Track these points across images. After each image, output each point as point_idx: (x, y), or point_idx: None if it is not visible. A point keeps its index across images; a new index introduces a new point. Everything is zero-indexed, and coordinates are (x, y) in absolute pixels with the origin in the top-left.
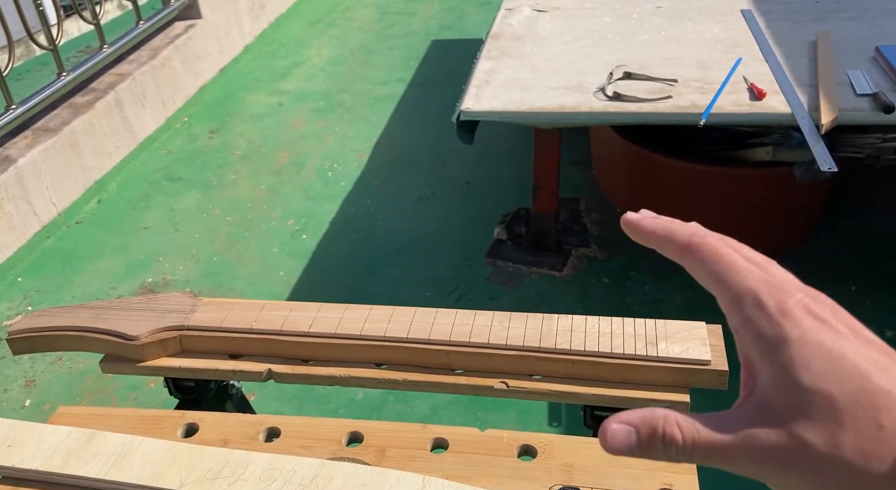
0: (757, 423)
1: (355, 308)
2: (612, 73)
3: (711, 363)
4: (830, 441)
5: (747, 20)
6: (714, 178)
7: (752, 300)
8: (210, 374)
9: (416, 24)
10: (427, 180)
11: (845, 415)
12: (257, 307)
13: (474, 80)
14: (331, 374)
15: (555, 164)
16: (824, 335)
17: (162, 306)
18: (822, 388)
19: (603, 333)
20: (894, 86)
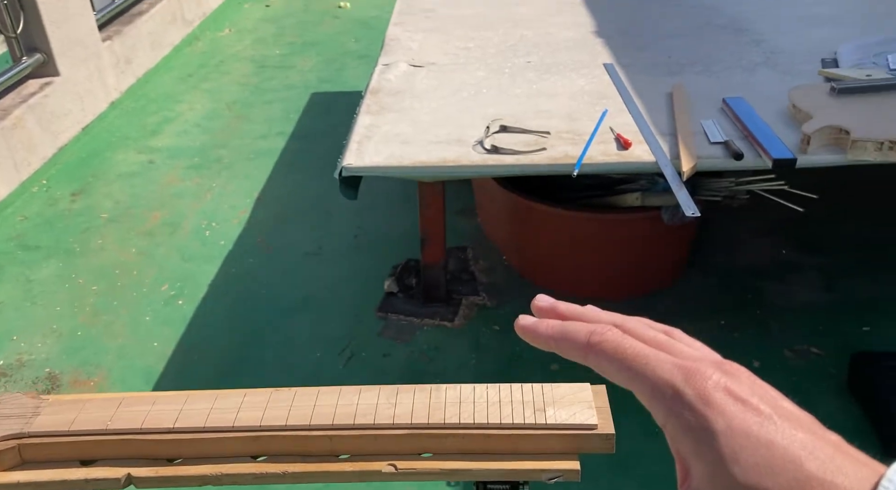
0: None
1: (228, 395)
2: (488, 127)
3: (598, 427)
4: None
5: (609, 73)
6: (589, 224)
7: (671, 393)
8: (57, 486)
9: (294, 77)
10: (313, 235)
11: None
12: (114, 403)
13: (355, 135)
14: (200, 474)
15: (440, 216)
16: (750, 421)
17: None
18: (755, 483)
19: (492, 403)
20: (741, 134)
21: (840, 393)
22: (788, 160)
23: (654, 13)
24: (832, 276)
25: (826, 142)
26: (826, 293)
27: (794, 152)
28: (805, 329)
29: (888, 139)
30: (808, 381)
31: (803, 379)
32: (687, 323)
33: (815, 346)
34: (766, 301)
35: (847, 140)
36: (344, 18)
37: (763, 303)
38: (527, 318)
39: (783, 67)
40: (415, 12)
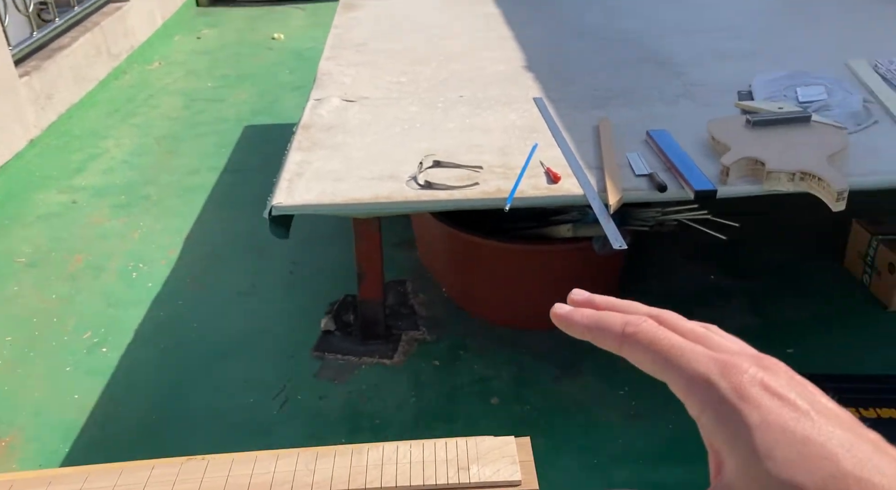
0: None
1: (134, 468)
2: (422, 162)
3: (522, 483)
4: None
5: (539, 107)
6: (524, 256)
7: (706, 386)
8: None
9: (227, 110)
10: (246, 273)
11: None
12: (3, 487)
13: (285, 172)
14: None
15: (377, 251)
16: (786, 416)
17: None
18: (789, 478)
19: (415, 462)
20: (664, 166)
21: None
22: (709, 191)
23: (582, 48)
24: (757, 300)
25: (743, 173)
26: (753, 317)
27: (714, 183)
28: None
29: (799, 170)
30: None
31: None
32: None
33: None
34: None
35: (763, 171)
36: (278, 50)
37: None
38: (562, 307)
39: (702, 99)
40: (347, 46)
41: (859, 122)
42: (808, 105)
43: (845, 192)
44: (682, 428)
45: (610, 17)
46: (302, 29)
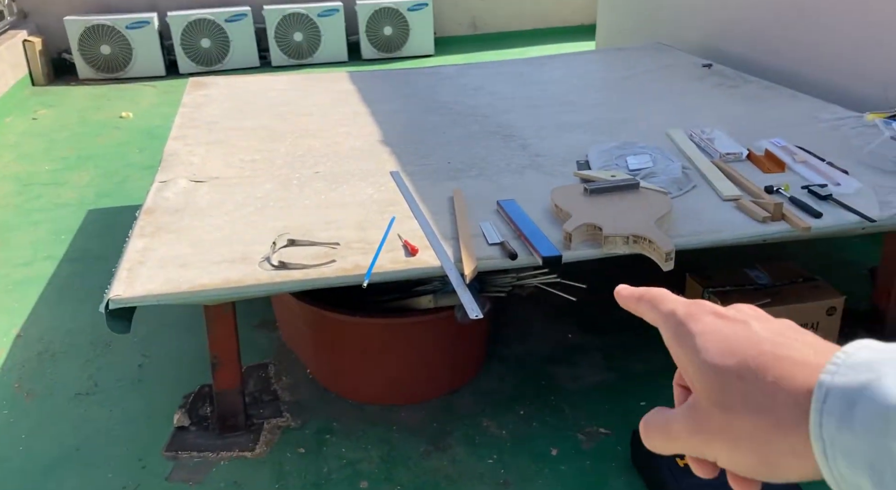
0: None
1: None
2: (275, 242)
3: None
4: (731, 407)
5: (396, 181)
6: (387, 329)
7: (671, 316)
8: None
9: (67, 194)
10: (87, 371)
11: (739, 381)
12: None
13: (125, 261)
14: None
15: (232, 337)
16: (720, 324)
17: None
18: (720, 363)
19: None
20: (515, 234)
21: (628, 469)
22: (555, 257)
23: (435, 122)
24: (612, 355)
25: (584, 237)
26: (608, 372)
27: (559, 249)
28: (594, 409)
29: (632, 234)
30: (600, 462)
31: (595, 461)
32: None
33: (602, 426)
34: (558, 385)
35: (601, 235)
36: (126, 129)
37: (555, 388)
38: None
39: (546, 169)
40: (197, 125)
41: (681, 186)
42: (637, 172)
43: (672, 253)
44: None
45: (460, 94)
46: (153, 107)
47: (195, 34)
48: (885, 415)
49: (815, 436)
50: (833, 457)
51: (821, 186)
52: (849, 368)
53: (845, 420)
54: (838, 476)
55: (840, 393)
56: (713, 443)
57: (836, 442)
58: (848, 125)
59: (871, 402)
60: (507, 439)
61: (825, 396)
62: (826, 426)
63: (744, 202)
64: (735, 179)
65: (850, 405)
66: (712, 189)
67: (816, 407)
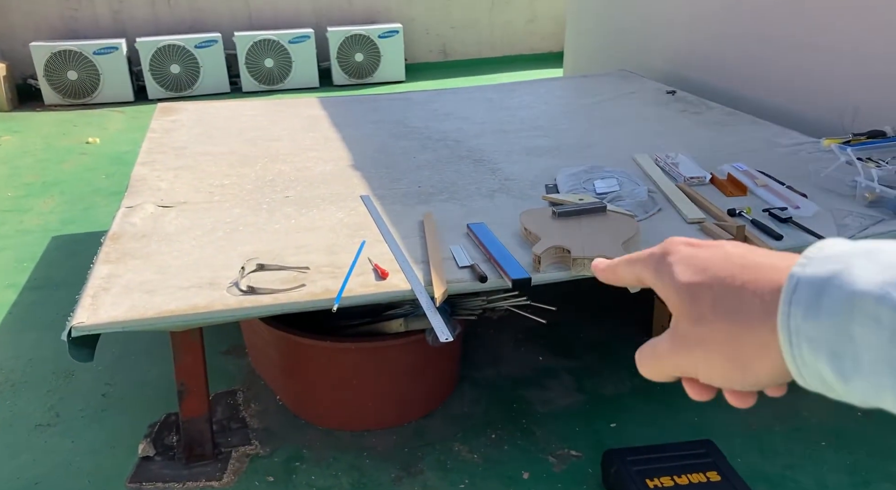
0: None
1: None
2: (244, 267)
3: None
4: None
5: (366, 205)
6: (357, 354)
7: (648, 256)
8: None
9: (31, 221)
10: (48, 402)
11: (709, 291)
12: None
13: (89, 288)
14: None
15: (200, 363)
16: (695, 251)
17: None
18: (693, 280)
19: None
20: (484, 257)
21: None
22: (525, 280)
23: (406, 147)
24: (581, 377)
25: (553, 260)
26: (578, 394)
27: (528, 271)
28: (564, 432)
29: (599, 256)
30: (571, 485)
31: (567, 484)
32: (461, 441)
33: (573, 448)
34: (529, 409)
35: (569, 258)
36: (93, 154)
37: (526, 411)
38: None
39: (515, 193)
40: (165, 150)
41: (647, 210)
42: (604, 196)
43: None
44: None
45: (431, 119)
46: (121, 132)
47: (164, 60)
48: (850, 301)
49: (783, 326)
50: (798, 344)
51: (781, 209)
52: (820, 261)
53: (812, 308)
54: (801, 364)
55: (809, 282)
56: (692, 356)
57: (802, 330)
58: (805, 150)
59: (838, 289)
60: (479, 463)
61: (795, 287)
62: (793, 315)
63: (707, 225)
64: (699, 203)
65: (818, 294)
66: (677, 212)
67: (786, 298)
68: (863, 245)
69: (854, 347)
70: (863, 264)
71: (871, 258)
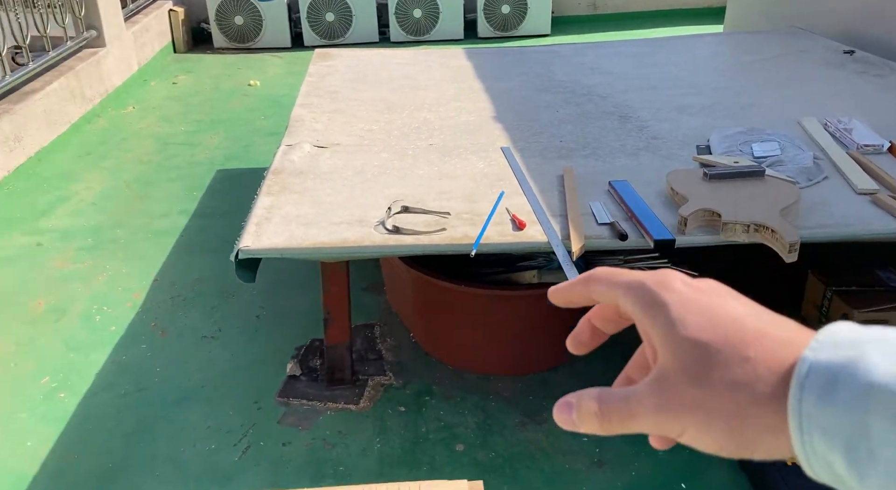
0: (654, 385)
1: None
2: (390, 208)
3: None
4: (707, 381)
5: (506, 156)
6: (490, 301)
7: (639, 285)
8: None
9: (200, 155)
10: (212, 317)
11: (718, 355)
12: None
13: (254, 216)
14: None
15: (345, 295)
16: (695, 295)
17: None
18: (698, 337)
19: None
20: (626, 216)
21: (732, 466)
22: (668, 241)
23: (549, 101)
24: None
25: (701, 223)
26: None
27: (673, 233)
28: None
29: (753, 222)
30: (704, 456)
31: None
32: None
33: None
34: None
35: (719, 222)
36: (253, 96)
37: None
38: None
39: (663, 152)
40: (321, 94)
41: (810, 177)
42: (763, 160)
43: (797, 244)
44: (645, 475)
45: (576, 73)
46: (279, 77)
47: (321, 8)
48: (867, 391)
49: (794, 411)
50: (809, 432)
51: None
52: (832, 346)
53: (826, 396)
54: (811, 452)
55: (822, 369)
56: (682, 419)
57: (815, 417)
58: None
59: (853, 378)
60: None
61: (807, 372)
62: (805, 401)
63: (881, 197)
64: (873, 173)
65: (832, 381)
66: (846, 182)
67: (797, 381)
68: (876, 332)
69: (869, 443)
70: (878, 353)
71: (886, 347)
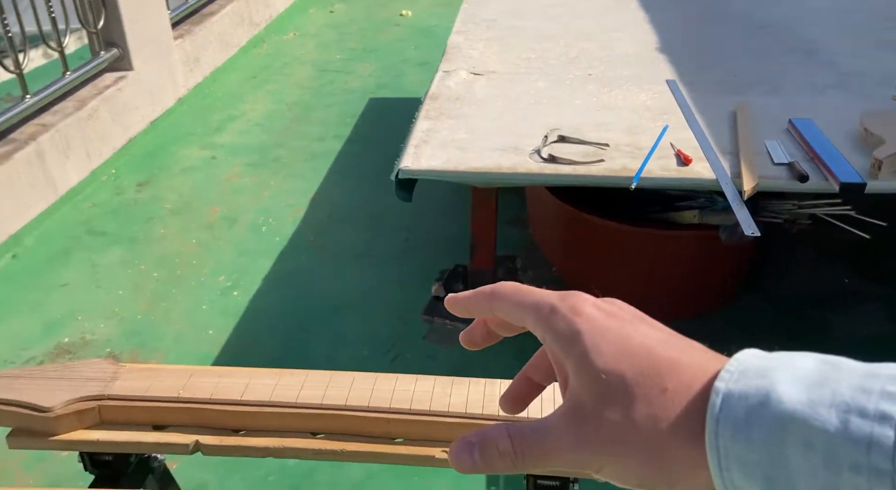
0: (570, 418)
1: (290, 374)
2: (546, 136)
3: None
4: (625, 415)
5: (672, 90)
6: (644, 239)
7: (549, 309)
8: (132, 447)
9: (354, 82)
10: (364, 237)
11: (635, 387)
12: (185, 374)
13: (413, 139)
14: (264, 446)
15: (493, 222)
16: (611, 323)
17: (80, 374)
18: (614, 368)
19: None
20: (807, 156)
21: None
22: (857, 184)
23: (723, 33)
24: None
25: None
26: (889, 325)
27: (863, 176)
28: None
29: None
30: None
31: None
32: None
33: None
34: (824, 330)
35: None
36: (405, 26)
37: (820, 332)
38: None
39: (855, 90)
40: (477, 22)
41: None
42: None
43: None
44: None
45: (757, 4)
46: (429, 7)
47: None
48: (780, 423)
49: (711, 446)
50: (727, 467)
51: None
52: (741, 375)
53: (740, 429)
54: (731, 486)
55: (734, 402)
56: (601, 454)
57: (731, 451)
58: None
59: (765, 409)
60: None
61: (721, 405)
62: (722, 435)
63: None
64: None
65: (746, 413)
66: None
67: (712, 415)
68: (782, 358)
69: (788, 473)
70: (787, 381)
71: (794, 373)
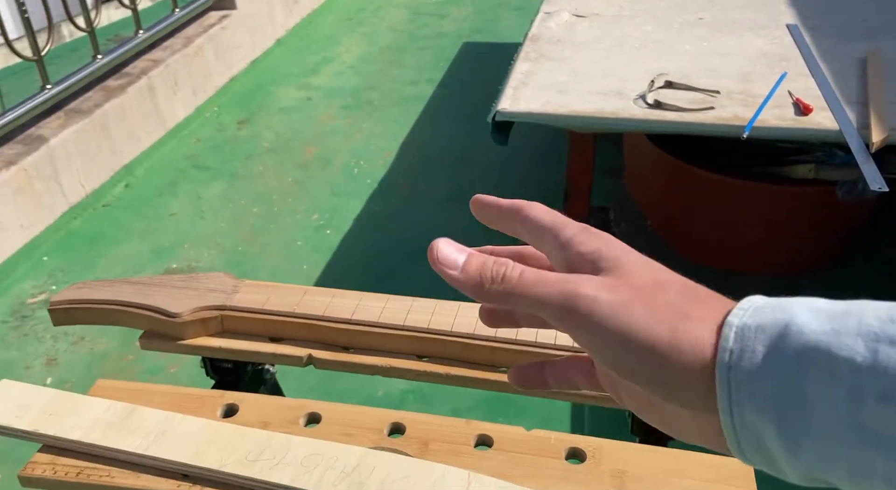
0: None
1: (398, 299)
2: (653, 81)
3: None
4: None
5: (793, 35)
6: (751, 194)
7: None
8: (250, 356)
9: (447, 26)
10: (453, 182)
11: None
12: (299, 292)
13: (511, 80)
14: (372, 363)
15: (589, 170)
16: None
17: (204, 285)
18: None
19: None
20: None
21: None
22: None
23: None
24: None
25: None
26: None
27: None
28: None
29: None
30: None
31: None
32: None
33: None
34: None
35: None
36: None
37: None
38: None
39: None
40: None
41: None
42: None
43: None
44: None
45: None
46: None
47: None
48: (801, 354)
49: (721, 381)
50: (738, 402)
51: None
52: (756, 310)
53: (755, 362)
54: (739, 424)
55: (750, 333)
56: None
57: (744, 385)
58: None
59: (784, 340)
60: None
61: (734, 337)
62: (735, 368)
63: None
64: None
65: (763, 346)
66: None
67: (724, 345)
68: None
69: (804, 408)
70: (806, 312)
71: (812, 305)
